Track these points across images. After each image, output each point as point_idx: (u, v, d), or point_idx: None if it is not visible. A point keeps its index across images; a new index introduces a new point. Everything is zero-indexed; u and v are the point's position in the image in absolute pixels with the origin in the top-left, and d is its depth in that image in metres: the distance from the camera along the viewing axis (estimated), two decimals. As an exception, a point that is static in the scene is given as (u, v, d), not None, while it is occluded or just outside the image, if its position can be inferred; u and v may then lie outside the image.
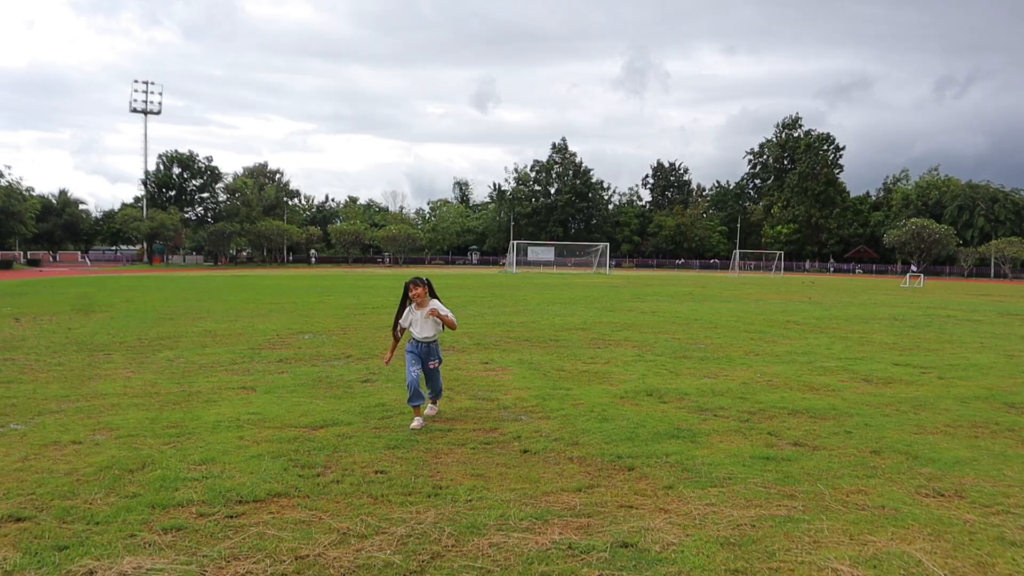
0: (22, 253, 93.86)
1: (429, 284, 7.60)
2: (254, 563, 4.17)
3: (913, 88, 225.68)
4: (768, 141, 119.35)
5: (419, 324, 7.57)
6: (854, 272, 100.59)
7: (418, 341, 7.59)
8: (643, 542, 4.49)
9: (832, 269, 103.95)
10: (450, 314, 7.58)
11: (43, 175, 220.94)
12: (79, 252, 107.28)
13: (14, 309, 21.71)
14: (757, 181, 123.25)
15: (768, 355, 12.79)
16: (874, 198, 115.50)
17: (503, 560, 4.23)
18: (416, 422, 7.32)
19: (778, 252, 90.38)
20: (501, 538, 4.54)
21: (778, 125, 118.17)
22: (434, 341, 7.67)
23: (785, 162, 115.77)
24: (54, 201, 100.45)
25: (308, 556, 4.28)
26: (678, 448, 6.63)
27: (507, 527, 4.72)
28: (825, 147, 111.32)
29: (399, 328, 7.75)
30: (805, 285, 48.46)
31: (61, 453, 6.37)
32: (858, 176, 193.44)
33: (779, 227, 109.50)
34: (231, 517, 4.88)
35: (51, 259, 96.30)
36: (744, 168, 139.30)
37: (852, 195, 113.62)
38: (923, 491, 5.57)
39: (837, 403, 8.71)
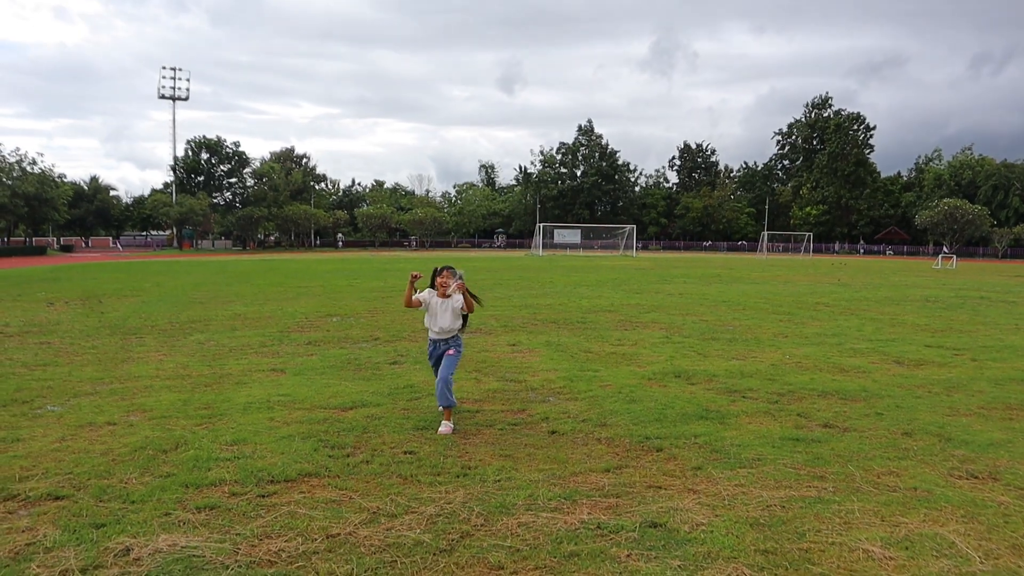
0: (55, 239, 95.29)
1: (461, 280, 6.73)
2: (286, 541, 4.22)
3: (947, 66, 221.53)
4: (797, 121, 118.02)
5: (437, 314, 6.69)
6: (884, 254, 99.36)
7: (435, 341, 6.80)
8: (672, 522, 4.49)
9: (862, 251, 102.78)
10: (472, 300, 6.81)
11: (74, 162, 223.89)
12: (110, 238, 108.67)
13: (48, 294, 22.06)
14: (786, 162, 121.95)
15: (797, 337, 12.69)
16: (905, 178, 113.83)
17: (532, 539, 4.25)
18: (443, 427, 6.52)
19: (807, 234, 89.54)
20: (530, 518, 4.56)
21: (807, 105, 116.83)
22: (454, 338, 6.77)
23: (814, 142, 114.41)
24: (85, 188, 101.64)
25: (339, 535, 4.32)
26: (706, 429, 6.61)
27: (536, 507, 4.74)
28: (855, 127, 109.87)
29: (413, 299, 6.87)
30: (835, 267, 47.98)
31: (97, 434, 6.48)
32: (889, 156, 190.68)
33: (808, 208, 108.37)
34: (263, 496, 4.95)
35: (83, 245, 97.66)
36: (772, 149, 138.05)
37: (883, 175, 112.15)
38: (956, 473, 5.51)
39: (868, 385, 8.63)
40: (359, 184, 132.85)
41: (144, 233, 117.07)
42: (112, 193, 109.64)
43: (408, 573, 3.85)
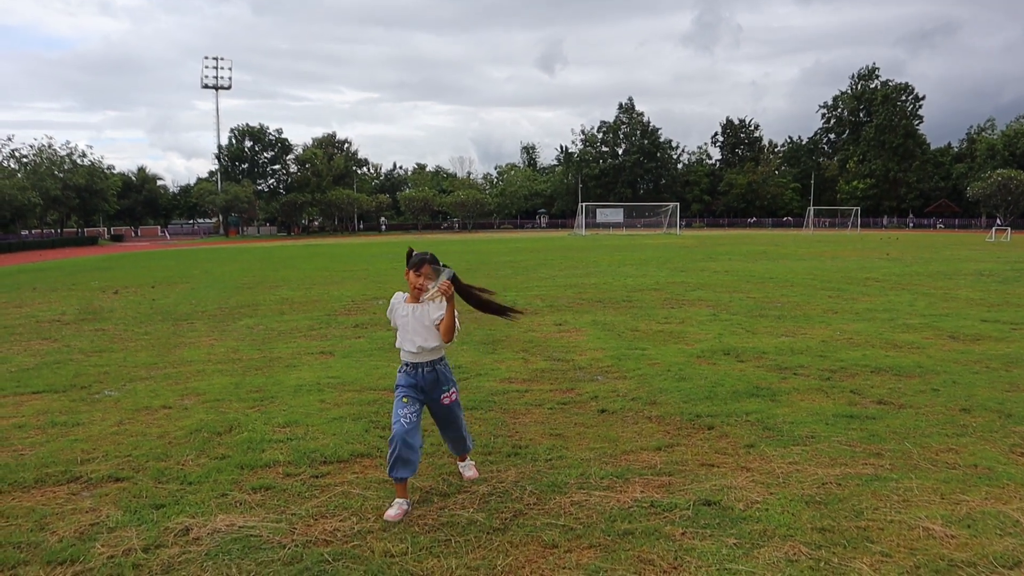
0: (106, 229, 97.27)
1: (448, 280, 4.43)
2: (340, 521, 4.27)
3: (1002, 31, 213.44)
4: (843, 93, 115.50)
5: (411, 328, 4.59)
6: (935, 227, 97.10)
7: (412, 364, 4.63)
8: (726, 500, 4.45)
9: (911, 224, 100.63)
10: (456, 320, 4.55)
11: (122, 153, 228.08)
12: (159, 227, 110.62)
13: (102, 282, 22.56)
14: (831, 135, 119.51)
15: (847, 313, 12.48)
16: (957, 149, 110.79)
17: (585, 518, 4.24)
18: (395, 508, 4.37)
19: (854, 208, 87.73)
20: (582, 496, 4.55)
21: (853, 76, 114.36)
22: (440, 361, 4.69)
23: (861, 115, 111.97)
24: (133, 178, 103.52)
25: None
26: (758, 407, 6.53)
27: (588, 485, 4.73)
28: (904, 98, 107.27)
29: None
30: (885, 241, 47.03)
31: (153, 417, 6.61)
32: (940, 127, 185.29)
33: (855, 182, 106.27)
34: (316, 477, 5.00)
35: (133, 234, 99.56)
36: (817, 123, 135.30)
37: (933, 147, 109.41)
38: (1018, 450, 5.37)
39: (922, 361, 8.45)
40: (401, 168, 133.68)
41: (191, 221, 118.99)
42: (159, 183, 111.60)
43: (462, 552, 3.87)
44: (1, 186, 67.00)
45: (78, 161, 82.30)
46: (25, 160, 78.56)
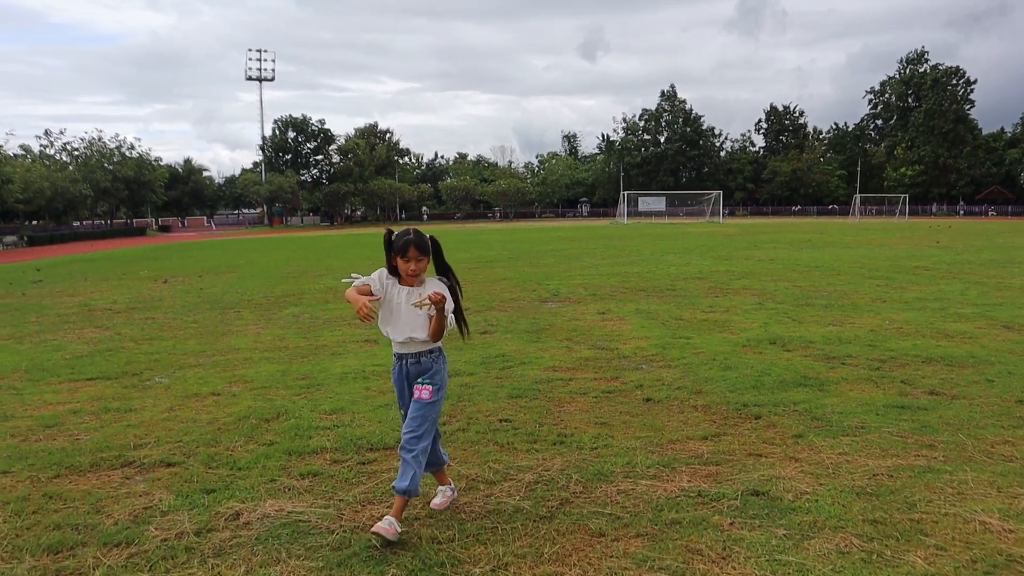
0: (154, 220, 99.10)
1: (436, 247, 4.15)
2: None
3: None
4: (890, 79, 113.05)
5: (403, 315, 4.07)
6: (987, 215, 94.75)
7: (401, 356, 4.17)
8: (775, 491, 4.39)
9: (962, 212, 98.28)
10: (451, 317, 4.13)
11: (168, 146, 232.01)
12: (205, 217, 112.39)
13: (150, 272, 22.99)
14: (878, 121, 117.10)
15: (896, 302, 12.24)
16: (1010, 134, 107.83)
17: (632, 507, 4.22)
18: (384, 524, 3.85)
19: (902, 196, 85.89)
20: (629, 485, 4.53)
21: (901, 61, 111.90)
22: (429, 352, 4.15)
23: (909, 100, 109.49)
24: (180, 170, 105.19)
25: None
26: (806, 396, 6.43)
27: (634, 474, 4.71)
28: (954, 82, 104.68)
29: (359, 292, 4.06)
30: (938, 230, 46.02)
31: (202, 404, 6.72)
32: (992, 111, 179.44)
33: (903, 169, 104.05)
34: (363, 464, 5.04)
35: (180, 225, 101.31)
36: (864, 109, 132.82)
37: (985, 132, 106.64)
38: (1077, 440, 5.22)
39: (976, 351, 8.25)
40: (442, 157, 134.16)
41: (236, 212, 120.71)
42: (205, 174, 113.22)
43: (509, 539, 3.87)
44: (54, 178, 68.57)
45: (127, 153, 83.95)
46: (76, 153, 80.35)
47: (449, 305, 3.99)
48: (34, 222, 77.93)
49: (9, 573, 3.61)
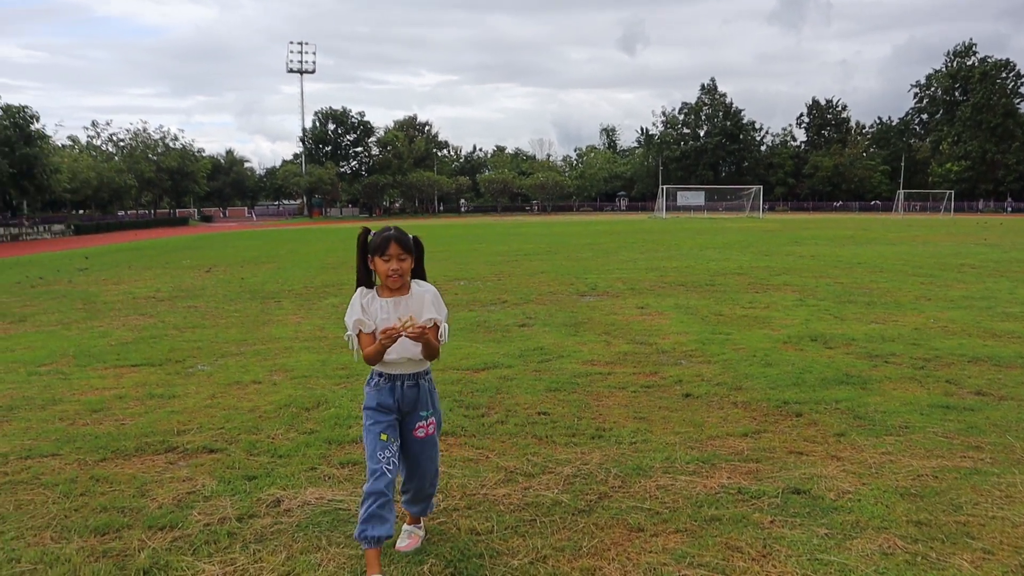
0: (196, 210, 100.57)
1: (420, 249, 3.66)
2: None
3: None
4: (937, 72, 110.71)
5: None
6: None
7: (389, 376, 3.58)
8: (816, 489, 4.34)
9: (1010, 208, 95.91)
10: (445, 327, 3.60)
11: (210, 137, 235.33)
12: (245, 208, 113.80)
13: (193, 261, 23.33)
14: (924, 116, 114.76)
15: (941, 300, 12.01)
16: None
17: (671, 502, 4.19)
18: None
19: (947, 192, 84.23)
20: (668, 480, 4.50)
21: (948, 54, 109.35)
22: (426, 374, 3.67)
23: (956, 94, 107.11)
24: (222, 161, 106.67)
25: (477, 493, 4.39)
26: (848, 395, 6.34)
27: (673, 470, 4.68)
28: (1003, 75, 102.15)
29: (358, 334, 3.54)
30: (986, 227, 45.02)
31: (244, 392, 6.81)
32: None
33: (948, 165, 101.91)
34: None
35: (221, 215, 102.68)
36: (909, 103, 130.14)
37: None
38: None
39: (1024, 350, 8.07)
40: (480, 150, 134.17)
41: (276, 203, 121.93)
42: (246, 165, 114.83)
43: (547, 532, 3.87)
44: (100, 169, 69.91)
45: (170, 144, 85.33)
46: (122, 144, 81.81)
47: (440, 314, 3.54)
48: (80, 211, 79.53)
49: (58, 553, 3.70)
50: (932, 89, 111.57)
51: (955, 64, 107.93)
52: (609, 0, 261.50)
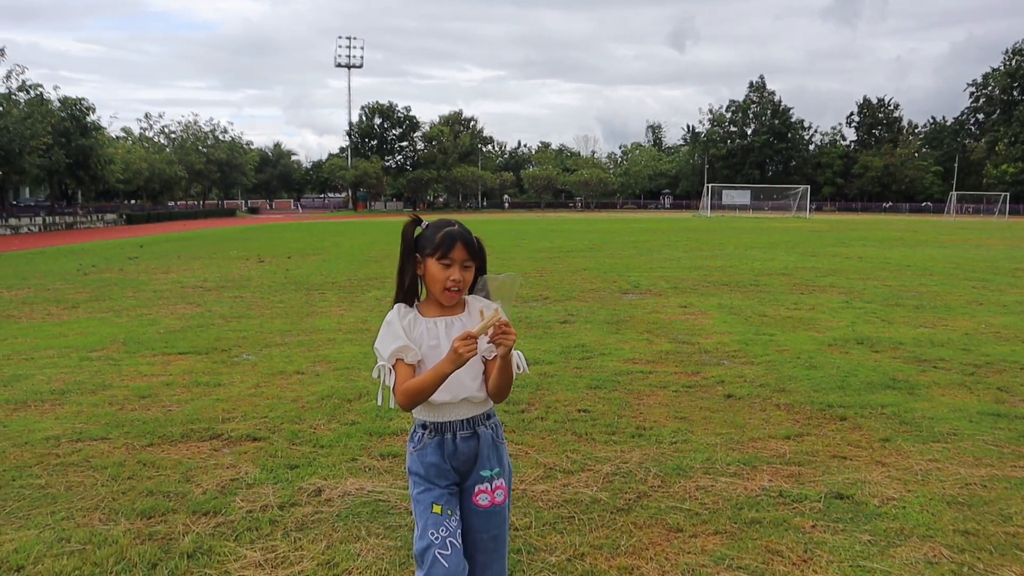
0: (243, 202, 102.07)
1: (484, 256, 2.64)
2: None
3: None
4: (995, 71, 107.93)
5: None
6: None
7: (437, 426, 2.52)
8: (860, 495, 4.27)
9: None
10: (521, 354, 2.53)
11: (259, 130, 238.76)
12: (292, 200, 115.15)
13: (240, 252, 23.68)
14: (980, 116, 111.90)
15: (994, 305, 11.73)
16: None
17: (711, 504, 4.16)
18: None
19: (1002, 194, 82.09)
20: (708, 481, 4.47)
21: (1007, 52, 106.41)
22: (491, 418, 2.64)
23: (1015, 93, 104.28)
24: (270, 154, 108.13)
25: (516, 489, 4.39)
26: (894, 399, 6.23)
27: (714, 471, 4.64)
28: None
29: (394, 365, 2.43)
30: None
31: (287, 382, 6.90)
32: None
33: (1004, 166, 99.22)
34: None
35: (268, 207, 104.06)
36: (965, 102, 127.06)
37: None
38: None
39: (1080, 358, 7.85)
40: (525, 146, 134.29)
41: (322, 196, 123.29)
42: (293, 158, 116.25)
43: (586, 529, 3.86)
44: (152, 160, 71.23)
45: (220, 137, 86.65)
46: (173, 136, 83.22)
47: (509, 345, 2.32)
48: (132, 201, 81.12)
49: (106, 534, 3.78)
50: (989, 88, 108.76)
51: (1014, 63, 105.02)
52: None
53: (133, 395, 6.41)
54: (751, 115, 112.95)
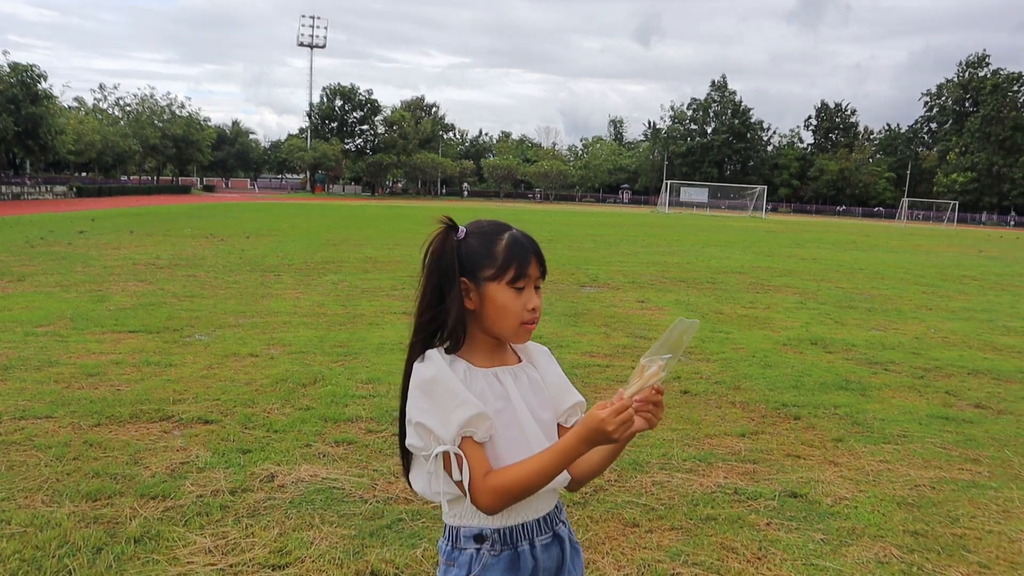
0: (199, 179, 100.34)
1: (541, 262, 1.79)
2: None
3: None
4: (948, 81, 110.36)
5: (528, 431, 1.72)
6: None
7: (507, 534, 1.72)
8: (813, 494, 4.32)
9: (1012, 223, 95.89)
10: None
11: (217, 107, 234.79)
12: (248, 180, 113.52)
13: (194, 230, 23.26)
14: (933, 125, 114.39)
15: (942, 310, 11.99)
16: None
17: (667, 499, 4.17)
18: None
19: (952, 202, 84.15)
20: (664, 477, 4.48)
21: (960, 64, 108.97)
22: (560, 513, 1.84)
23: (967, 104, 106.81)
24: (227, 131, 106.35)
25: (472, 479, 4.35)
26: (847, 400, 6.32)
27: (670, 466, 4.65)
28: (1015, 88, 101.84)
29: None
30: (988, 240, 44.97)
31: (240, 364, 6.78)
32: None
33: (954, 175, 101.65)
34: (398, 435, 5.03)
35: (224, 185, 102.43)
36: (919, 111, 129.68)
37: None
38: None
39: (1024, 365, 8.05)
40: (486, 135, 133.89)
41: (280, 176, 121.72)
42: (251, 137, 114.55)
43: (542, 522, 3.84)
44: (105, 132, 69.67)
45: (177, 112, 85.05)
46: (128, 109, 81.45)
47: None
48: (83, 174, 79.27)
49: (49, 516, 3.67)
50: (943, 98, 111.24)
51: (967, 74, 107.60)
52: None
53: (80, 373, 6.24)
54: (712, 114, 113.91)
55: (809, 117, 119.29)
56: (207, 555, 3.40)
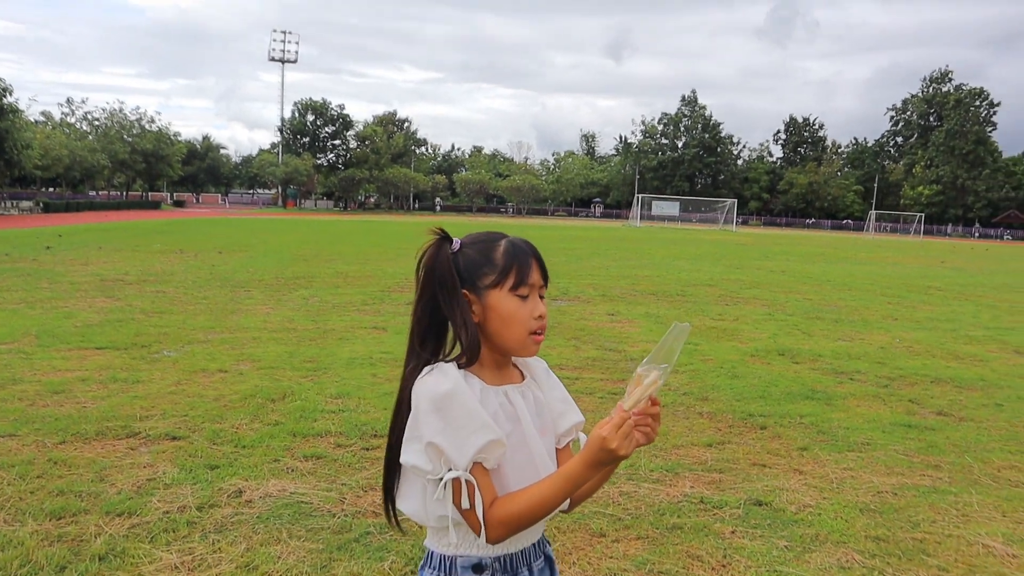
0: (169, 194, 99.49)
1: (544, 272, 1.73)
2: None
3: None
4: (913, 96, 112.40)
5: (531, 450, 1.64)
6: (1002, 238, 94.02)
7: (507, 561, 1.66)
8: (777, 502, 4.38)
9: (977, 235, 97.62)
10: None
11: (187, 121, 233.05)
12: (219, 195, 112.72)
13: (163, 246, 23.06)
14: (899, 139, 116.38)
15: (907, 320, 12.18)
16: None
17: (634, 509, 4.21)
18: None
19: (918, 215, 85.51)
20: (631, 487, 4.52)
21: (925, 79, 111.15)
22: (546, 540, 1.80)
23: (931, 119, 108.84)
24: (198, 146, 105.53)
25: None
26: (812, 410, 6.41)
27: (637, 477, 4.69)
28: (977, 103, 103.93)
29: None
30: (954, 251, 45.72)
31: (209, 380, 6.74)
32: (1014, 135, 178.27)
33: (920, 188, 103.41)
34: (367, 450, 5.05)
35: (195, 201, 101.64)
36: (885, 125, 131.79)
37: (1005, 155, 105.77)
38: (1085, 470, 5.19)
39: (985, 374, 8.21)
40: (459, 149, 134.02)
41: (251, 191, 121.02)
42: (222, 152, 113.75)
43: (510, 533, 3.86)
44: (73, 147, 68.88)
45: (146, 126, 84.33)
46: (97, 123, 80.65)
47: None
48: (51, 189, 78.30)
49: (11, 535, 3.63)
50: (908, 113, 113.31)
51: (931, 90, 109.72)
52: (598, 6, 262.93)
53: (45, 390, 6.17)
54: (682, 128, 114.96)
55: (778, 131, 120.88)
56: (173, 571, 3.38)
